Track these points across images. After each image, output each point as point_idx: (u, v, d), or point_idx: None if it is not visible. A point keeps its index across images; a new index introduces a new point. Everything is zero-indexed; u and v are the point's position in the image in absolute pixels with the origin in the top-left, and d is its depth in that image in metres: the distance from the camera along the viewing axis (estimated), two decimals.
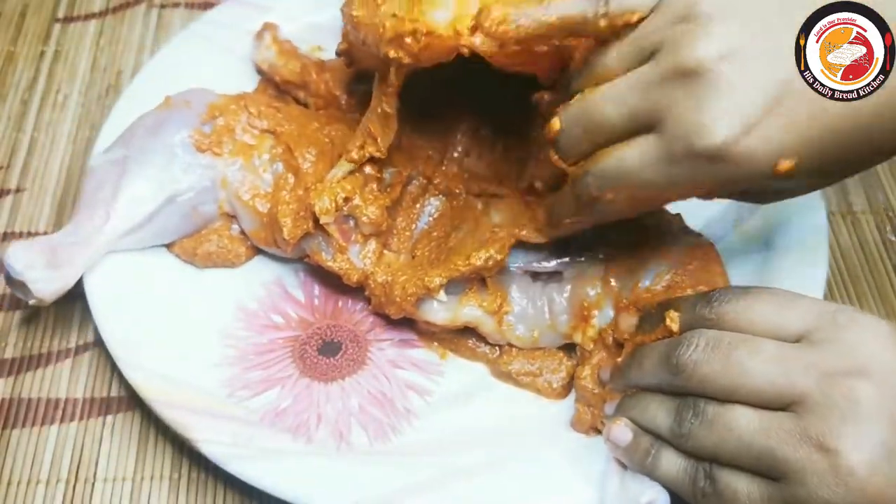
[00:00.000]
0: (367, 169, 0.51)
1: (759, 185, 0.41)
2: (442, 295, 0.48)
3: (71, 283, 0.49)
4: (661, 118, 0.39)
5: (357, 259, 0.50)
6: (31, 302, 0.49)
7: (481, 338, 0.50)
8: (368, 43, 0.48)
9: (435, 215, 0.52)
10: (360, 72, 0.56)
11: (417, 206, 0.52)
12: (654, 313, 0.45)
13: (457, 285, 0.49)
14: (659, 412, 0.42)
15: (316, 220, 0.49)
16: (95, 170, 0.52)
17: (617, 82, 0.41)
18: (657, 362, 0.42)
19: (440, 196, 0.52)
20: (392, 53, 0.45)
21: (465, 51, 0.44)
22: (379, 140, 0.50)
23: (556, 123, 0.43)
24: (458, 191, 0.52)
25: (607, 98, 0.41)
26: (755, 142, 0.38)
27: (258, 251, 0.54)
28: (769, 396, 0.38)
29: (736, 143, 0.38)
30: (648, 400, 0.43)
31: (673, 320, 0.43)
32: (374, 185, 0.51)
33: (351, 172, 0.50)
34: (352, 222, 0.50)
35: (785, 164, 0.39)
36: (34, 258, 0.48)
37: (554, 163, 0.43)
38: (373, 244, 0.50)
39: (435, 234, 0.51)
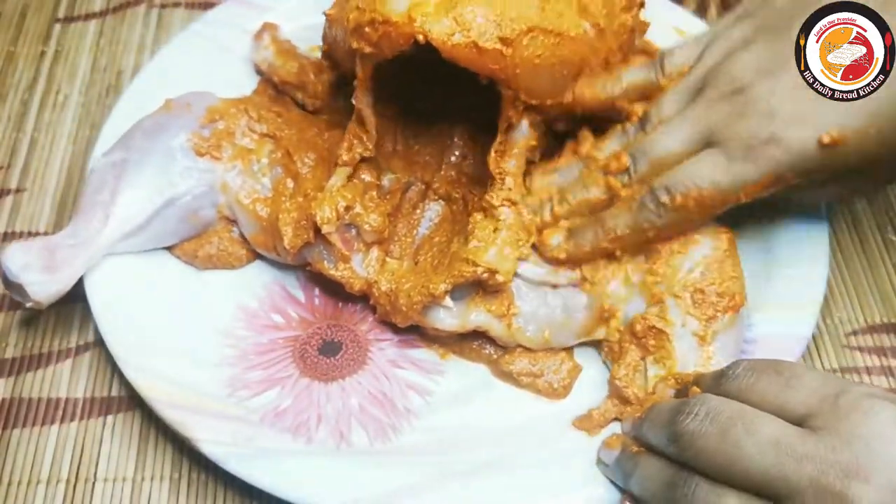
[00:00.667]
0: (366, 176, 0.51)
1: (817, 166, 0.45)
2: (448, 301, 0.48)
3: (68, 286, 0.49)
4: (716, 133, 0.46)
5: (360, 267, 0.50)
6: (28, 305, 0.48)
7: (485, 340, 0.50)
8: (340, 39, 0.48)
9: (435, 220, 0.52)
10: (341, 76, 0.56)
11: (417, 211, 0.52)
12: (687, 388, 0.45)
13: (463, 290, 0.49)
14: (654, 481, 0.42)
15: (317, 230, 0.49)
16: (95, 172, 0.52)
17: (673, 120, 0.48)
18: (662, 424, 0.42)
19: (440, 201, 0.52)
20: (354, 44, 0.46)
21: (421, 38, 0.44)
22: (364, 138, 0.50)
23: (624, 159, 0.48)
24: (457, 195, 0.52)
25: (668, 133, 0.47)
26: (799, 127, 0.44)
27: (259, 253, 0.54)
28: (760, 484, 0.37)
29: (783, 132, 0.44)
30: (649, 465, 0.42)
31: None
32: (374, 193, 0.51)
33: (349, 179, 0.50)
34: (353, 231, 0.50)
35: (827, 137, 0.44)
36: (31, 260, 0.48)
37: (609, 187, 0.48)
38: (375, 252, 0.50)
39: (436, 239, 0.51)
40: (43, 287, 0.48)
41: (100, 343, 0.51)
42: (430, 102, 0.54)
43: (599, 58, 0.49)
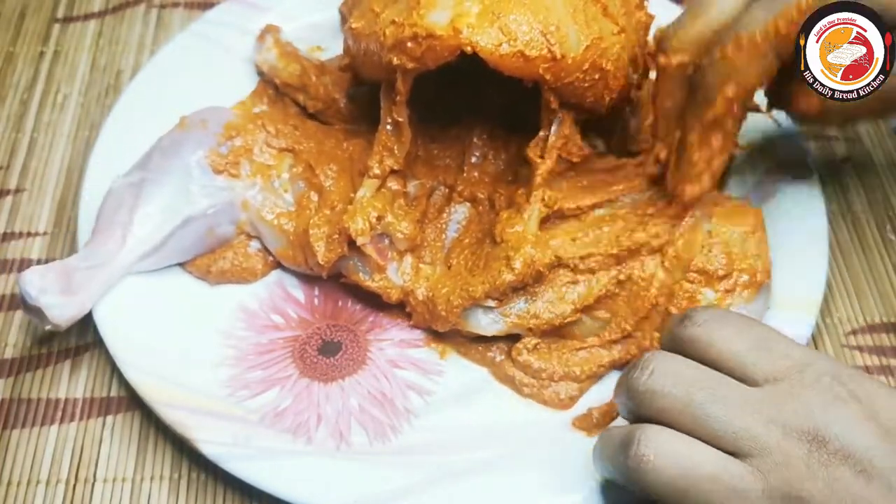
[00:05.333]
0: (393, 184, 0.51)
1: None
2: (489, 301, 0.48)
3: (87, 308, 0.49)
4: None
5: (396, 276, 0.50)
6: (48, 328, 0.48)
7: (490, 342, 0.50)
8: (371, 53, 0.48)
9: (463, 222, 0.52)
10: (360, 84, 0.56)
11: (444, 215, 0.52)
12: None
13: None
14: (608, 446, 0.40)
15: (350, 242, 0.49)
16: (113, 193, 0.51)
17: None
18: (621, 389, 0.41)
19: (465, 203, 0.52)
20: (395, 60, 0.46)
21: (468, 49, 0.44)
22: (395, 150, 0.50)
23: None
24: (482, 195, 0.52)
25: None
26: None
27: (275, 267, 0.54)
28: (728, 443, 0.37)
29: None
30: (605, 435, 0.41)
31: (654, 340, 0.42)
32: (402, 201, 0.51)
33: (378, 189, 0.50)
34: (386, 240, 0.50)
35: None
36: (49, 284, 0.47)
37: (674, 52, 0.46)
38: (409, 259, 0.50)
39: (466, 241, 0.51)
40: (61, 310, 0.48)
41: (100, 343, 0.51)
42: (445, 103, 0.54)
43: (626, 57, 0.49)
